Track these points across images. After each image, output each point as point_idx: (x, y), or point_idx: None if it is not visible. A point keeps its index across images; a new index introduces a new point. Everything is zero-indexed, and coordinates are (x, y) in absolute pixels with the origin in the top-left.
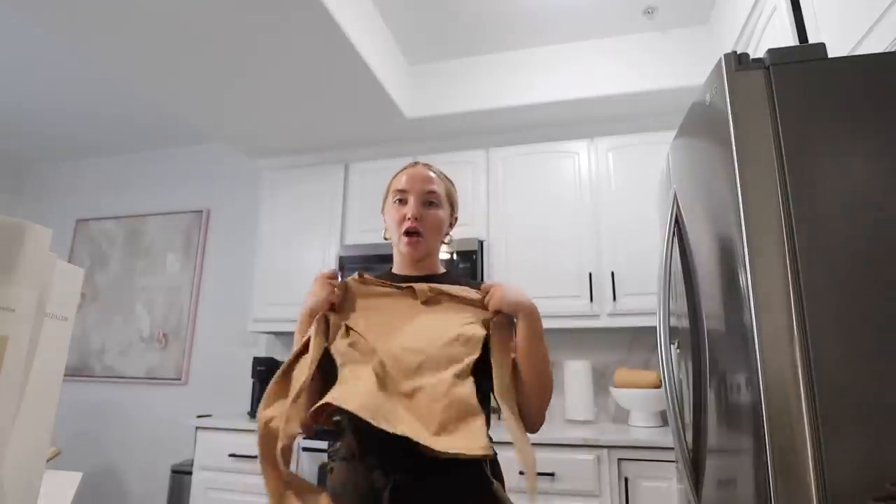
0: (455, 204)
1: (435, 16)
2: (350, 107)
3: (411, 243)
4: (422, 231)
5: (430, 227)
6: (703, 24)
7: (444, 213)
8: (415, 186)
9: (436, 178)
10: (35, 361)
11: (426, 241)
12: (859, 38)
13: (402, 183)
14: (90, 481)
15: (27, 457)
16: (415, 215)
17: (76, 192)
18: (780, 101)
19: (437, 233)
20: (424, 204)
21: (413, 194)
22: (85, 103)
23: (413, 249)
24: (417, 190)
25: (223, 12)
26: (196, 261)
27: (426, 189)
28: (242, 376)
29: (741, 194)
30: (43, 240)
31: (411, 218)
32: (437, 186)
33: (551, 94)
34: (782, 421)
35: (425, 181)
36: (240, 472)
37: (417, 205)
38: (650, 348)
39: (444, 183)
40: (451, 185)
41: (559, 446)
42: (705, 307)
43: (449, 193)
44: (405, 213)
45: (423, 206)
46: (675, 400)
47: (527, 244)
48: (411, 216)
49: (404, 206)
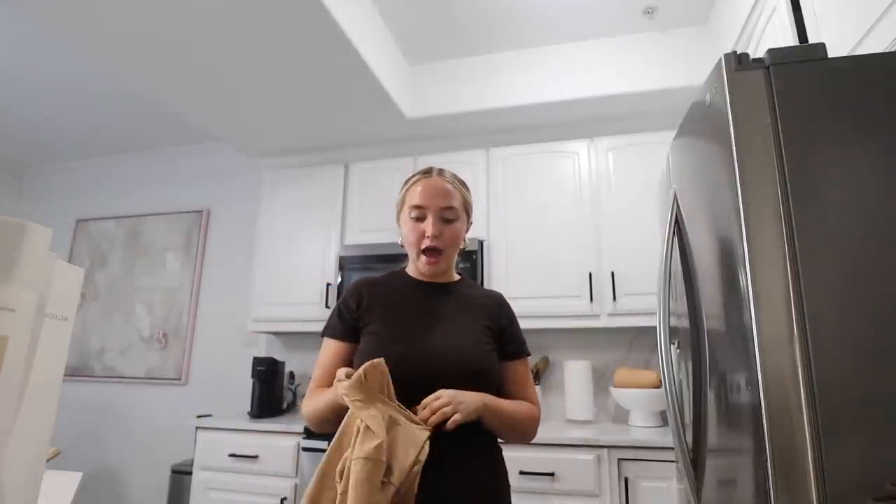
0: (470, 210)
1: (435, 16)
2: (350, 107)
3: (430, 263)
4: (441, 248)
5: (448, 244)
6: (703, 24)
7: (461, 225)
8: (432, 203)
9: (452, 191)
10: (35, 361)
11: (445, 257)
12: (859, 38)
13: (419, 198)
14: (90, 481)
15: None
16: (434, 234)
17: (76, 192)
18: (780, 101)
19: (456, 247)
20: (442, 220)
21: (431, 211)
22: (85, 103)
23: (433, 268)
24: (435, 207)
25: (223, 12)
26: (196, 261)
27: (444, 205)
28: (242, 376)
29: (741, 194)
30: (43, 240)
31: (430, 237)
32: (454, 201)
33: (551, 94)
34: (782, 421)
35: (442, 196)
36: (240, 472)
37: (436, 222)
38: (650, 348)
39: (459, 193)
40: (467, 190)
41: (559, 446)
42: (705, 307)
43: (465, 203)
44: (423, 230)
45: (441, 222)
46: (675, 400)
47: (527, 244)
48: (430, 235)
49: (422, 224)
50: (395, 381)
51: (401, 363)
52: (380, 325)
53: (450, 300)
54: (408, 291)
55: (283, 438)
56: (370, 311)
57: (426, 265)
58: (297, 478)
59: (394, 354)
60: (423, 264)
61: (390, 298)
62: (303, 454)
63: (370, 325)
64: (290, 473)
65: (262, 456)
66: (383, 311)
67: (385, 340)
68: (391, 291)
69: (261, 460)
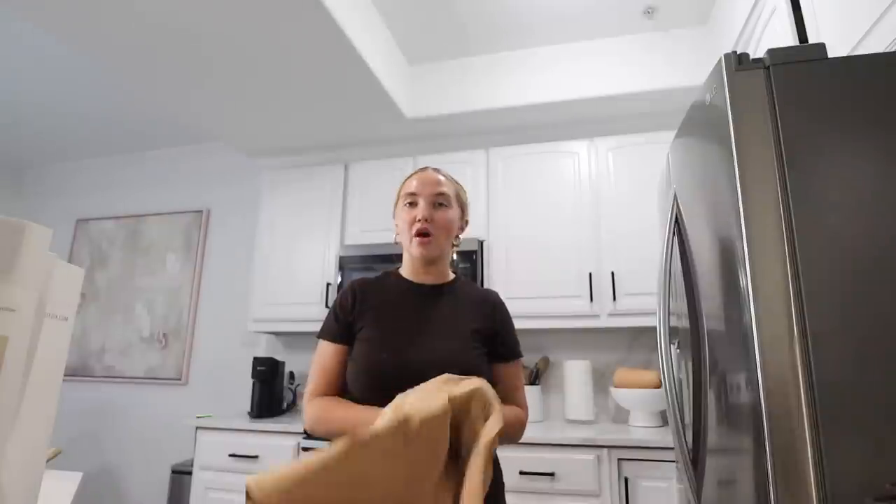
0: (465, 206)
1: (434, 16)
2: (350, 107)
3: (422, 243)
4: (432, 231)
5: (440, 227)
6: (703, 24)
7: (453, 213)
8: (424, 189)
9: (445, 181)
10: (35, 361)
11: (437, 240)
12: (859, 38)
13: (413, 187)
14: (90, 481)
15: (27, 457)
16: (425, 216)
17: (76, 192)
18: (780, 101)
19: (448, 233)
20: (434, 205)
21: (423, 197)
22: (85, 103)
23: (424, 249)
24: (427, 193)
25: (223, 12)
26: (196, 261)
27: (435, 191)
28: (242, 376)
29: (741, 194)
30: (43, 240)
31: (421, 219)
32: (446, 188)
33: (552, 94)
34: (782, 421)
35: (434, 184)
36: (240, 472)
37: (427, 206)
38: (650, 348)
39: (453, 185)
40: (461, 188)
41: (559, 446)
42: (705, 307)
43: (458, 195)
44: (415, 215)
45: (432, 207)
46: (675, 400)
47: (527, 244)
48: (421, 217)
49: (414, 209)
50: (385, 387)
51: (391, 370)
52: (371, 331)
53: (442, 302)
54: (400, 294)
55: (283, 438)
56: (362, 316)
57: (418, 246)
58: None
59: (383, 362)
60: (415, 246)
61: (382, 302)
62: (303, 454)
63: (362, 330)
64: None
65: (262, 456)
66: (375, 315)
67: (375, 347)
68: (383, 294)
69: (261, 460)
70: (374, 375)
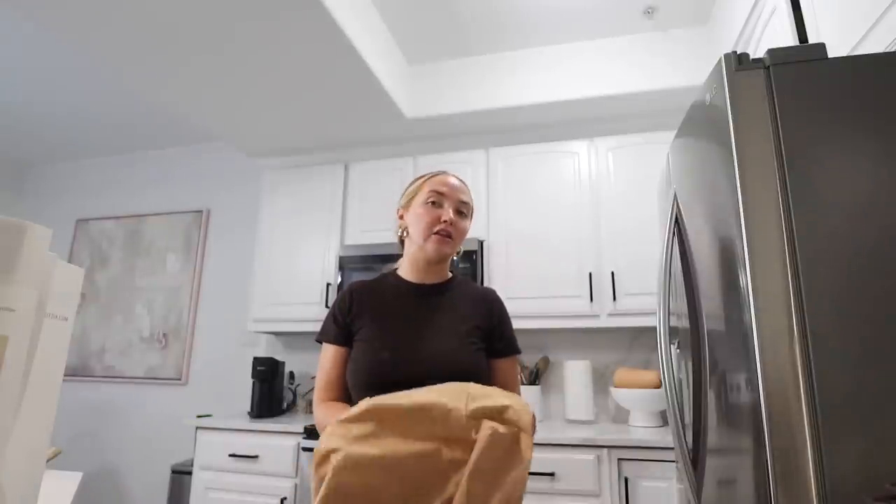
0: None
1: (434, 16)
2: (350, 107)
3: (442, 241)
4: (454, 236)
5: (458, 235)
6: (703, 24)
7: (469, 225)
8: (453, 194)
9: (468, 191)
10: (35, 361)
11: (454, 244)
12: (859, 38)
13: (441, 186)
14: (90, 481)
15: (27, 457)
16: (451, 220)
17: (76, 192)
18: (780, 101)
19: (462, 242)
20: (457, 213)
21: (450, 201)
22: (85, 103)
23: (443, 247)
24: (455, 198)
25: (223, 12)
26: (196, 261)
27: (462, 199)
28: (242, 376)
29: (741, 194)
30: (43, 240)
31: (447, 221)
32: (468, 199)
33: (551, 94)
34: (782, 421)
35: (462, 192)
36: (240, 472)
37: (454, 211)
38: (650, 348)
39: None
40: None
41: (559, 446)
42: (705, 307)
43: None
44: (441, 215)
45: (456, 213)
46: (675, 400)
47: (527, 244)
48: (448, 220)
49: (439, 209)
50: (385, 387)
51: (390, 371)
52: (369, 332)
53: (440, 301)
54: (398, 295)
55: (283, 438)
56: (360, 317)
57: (436, 243)
58: (297, 478)
59: (383, 361)
60: (433, 243)
61: (380, 303)
62: (303, 454)
63: (360, 332)
64: (290, 473)
65: (262, 456)
66: (373, 316)
67: (374, 349)
68: (381, 296)
69: (261, 460)
70: (373, 374)
